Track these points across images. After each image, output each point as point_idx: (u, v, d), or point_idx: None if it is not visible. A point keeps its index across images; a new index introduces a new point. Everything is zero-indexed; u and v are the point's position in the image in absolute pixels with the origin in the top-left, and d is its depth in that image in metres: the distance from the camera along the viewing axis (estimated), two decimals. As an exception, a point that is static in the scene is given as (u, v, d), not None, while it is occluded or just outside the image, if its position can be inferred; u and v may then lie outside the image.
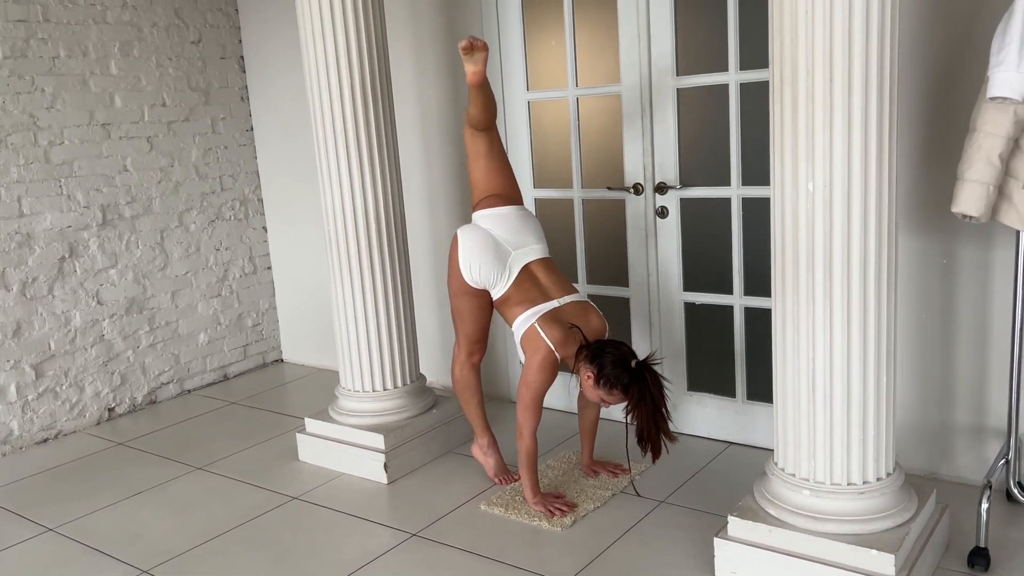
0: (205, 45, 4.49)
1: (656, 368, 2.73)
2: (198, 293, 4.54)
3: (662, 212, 3.39)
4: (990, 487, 2.45)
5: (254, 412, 4.19)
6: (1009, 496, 2.74)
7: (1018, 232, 2.48)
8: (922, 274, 2.88)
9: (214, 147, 4.56)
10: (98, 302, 4.12)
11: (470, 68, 2.78)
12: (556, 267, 3.01)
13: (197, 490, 3.35)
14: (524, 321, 2.85)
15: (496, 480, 3.18)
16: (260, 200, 4.81)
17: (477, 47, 2.74)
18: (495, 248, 2.91)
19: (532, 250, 2.95)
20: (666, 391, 2.74)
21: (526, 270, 2.92)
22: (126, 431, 4.04)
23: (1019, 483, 2.74)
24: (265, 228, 4.85)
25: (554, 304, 2.88)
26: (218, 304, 4.64)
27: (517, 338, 2.88)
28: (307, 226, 4.62)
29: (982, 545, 2.45)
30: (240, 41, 4.65)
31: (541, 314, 2.84)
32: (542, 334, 2.80)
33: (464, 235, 2.95)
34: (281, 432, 3.88)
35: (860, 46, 2.08)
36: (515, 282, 2.89)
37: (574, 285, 3.04)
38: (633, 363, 2.73)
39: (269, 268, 4.89)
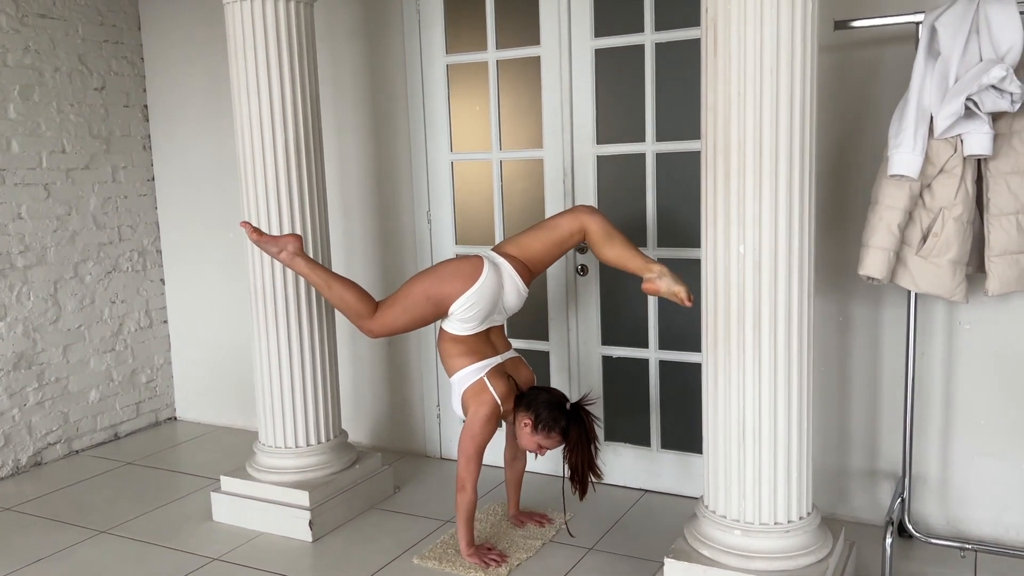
0: (109, 92, 4.36)
1: (589, 408, 2.88)
2: (91, 348, 4.32)
3: (582, 270, 3.56)
4: (891, 524, 2.70)
5: (152, 472, 4.00)
6: (902, 531, 3.01)
7: (910, 292, 2.80)
8: (821, 330, 3.17)
9: (114, 196, 4.41)
10: (-17, 357, 3.86)
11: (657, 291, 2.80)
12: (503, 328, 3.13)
13: (105, 554, 3.17)
14: (472, 373, 2.91)
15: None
16: (159, 251, 4.66)
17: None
18: (495, 306, 2.92)
19: (504, 319, 3.05)
20: (596, 427, 2.89)
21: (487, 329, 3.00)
22: (10, 496, 3.76)
23: (911, 519, 3.02)
24: (163, 280, 4.69)
25: (498, 360, 2.98)
26: (111, 359, 4.43)
27: (460, 388, 2.93)
28: (209, 279, 4.51)
29: (887, 577, 2.69)
30: (144, 90, 4.55)
31: (489, 368, 2.93)
32: (490, 388, 2.89)
33: (491, 275, 2.88)
34: (187, 492, 3.72)
35: (786, 124, 2.33)
36: (476, 333, 2.95)
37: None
38: (568, 405, 2.87)
39: (165, 322, 4.72)
